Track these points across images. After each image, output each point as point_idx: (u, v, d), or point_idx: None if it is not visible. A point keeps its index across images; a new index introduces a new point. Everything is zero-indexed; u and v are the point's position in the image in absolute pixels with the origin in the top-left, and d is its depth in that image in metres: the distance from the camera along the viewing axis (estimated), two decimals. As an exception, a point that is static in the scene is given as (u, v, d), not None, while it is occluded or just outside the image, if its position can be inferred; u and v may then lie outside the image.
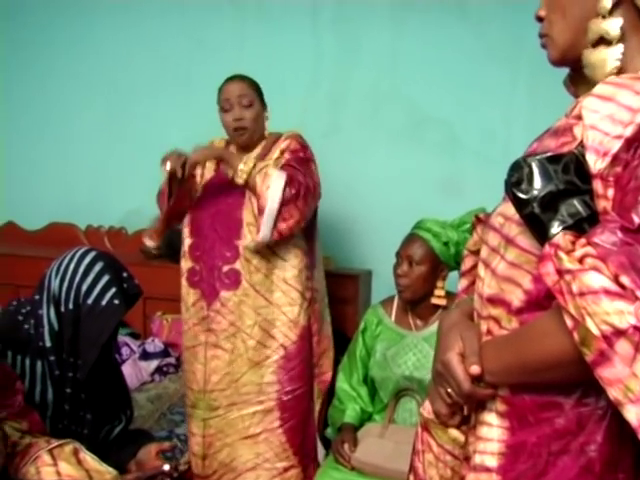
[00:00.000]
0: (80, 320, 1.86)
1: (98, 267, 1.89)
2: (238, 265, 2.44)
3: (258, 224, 2.34)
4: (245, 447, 2.50)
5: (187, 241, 2.54)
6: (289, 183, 2.32)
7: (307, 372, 2.55)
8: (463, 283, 1.40)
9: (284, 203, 2.31)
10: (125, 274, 1.94)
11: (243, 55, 3.52)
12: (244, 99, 2.46)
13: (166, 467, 1.95)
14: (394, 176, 3.45)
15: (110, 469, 1.72)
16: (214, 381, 2.48)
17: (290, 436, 2.51)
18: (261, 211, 2.31)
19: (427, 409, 1.33)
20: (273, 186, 2.30)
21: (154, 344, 3.17)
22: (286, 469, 2.51)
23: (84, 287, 1.86)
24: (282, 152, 2.47)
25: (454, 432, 1.35)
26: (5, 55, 4.17)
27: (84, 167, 4.04)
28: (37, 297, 1.92)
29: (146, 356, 3.12)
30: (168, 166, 2.34)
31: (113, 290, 1.87)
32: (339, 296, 3.06)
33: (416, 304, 2.47)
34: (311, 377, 2.58)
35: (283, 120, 2.60)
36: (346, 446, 2.36)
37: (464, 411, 1.18)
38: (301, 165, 2.43)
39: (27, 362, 1.88)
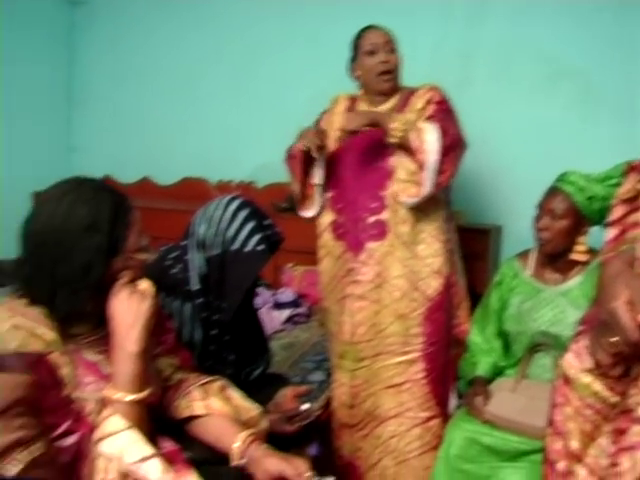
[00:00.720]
0: (226, 265, 1.93)
1: (243, 214, 1.95)
2: (384, 216, 2.44)
3: (418, 179, 2.33)
4: (388, 396, 2.53)
5: (327, 194, 2.57)
6: (443, 135, 2.30)
7: (449, 323, 2.56)
8: (612, 232, 1.36)
9: (442, 155, 2.29)
10: (268, 221, 1.99)
11: (370, 10, 3.50)
12: (389, 45, 2.48)
13: (304, 406, 2.01)
14: (527, 130, 3.38)
15: (255, 405, 1.80)
16: (360, 332, 2.50)
17: (433, 387, 2.52)
18: (421, 166, 2.30)
19: (568, 361, 1.31)
20: (429, 140, 2.29)
21: (286, 294, 3.25)
22: (429, 419, 2.53)
23: (230, 233, 1.93)
24: (427, 102, 2.45)
25: (596, 386, 1.32)
26: (141, 16, 4.33)
27: (215, 124, 4.17)
28: (184, 243, 2.01)
29: (278, 306, 3.21)
30: (304, 144, 2.37)
31: (258, 236, 1.93)
32: (469, 251, 3.02)
33: (555, 258, 2.41)
34: (450, 328, 2.58)
35: (412, 75, 2.59)
36: (479, 399, 2.35)
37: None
38: (448, 116, 2.41)
39: (176, 304, 1.97)
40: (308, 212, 2.62)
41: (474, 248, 3.17)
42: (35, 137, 4.42)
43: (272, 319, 3.16)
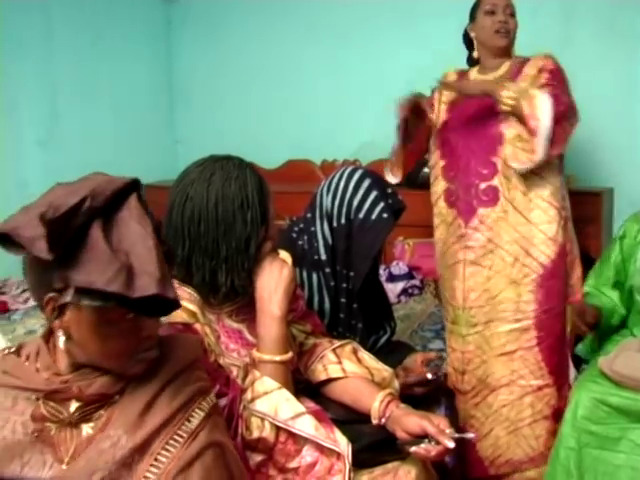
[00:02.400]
0: (352, 234, 1.98)
1: (366, 183, 2.00)
2: (496, 182, 2.44)
3: (530, 145, 2.32)
4: (500, 364, 2.52)
5: (440, 163, 2.58)
6: (555, 104, 2.28)
7: (563, 291, 2.53)
8: None
9: (554, 123, 2.27)
10: (390, 190, 2.03)
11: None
12: (509, 9, 2.48)
13: (429, 376, 2.05)
14: (633, 89, 3.28)
15: (386, 367, 1.84)
16: (472, 298, 2.51)
17: (546, 355, 2.50)
18: (533, 132, 2.29)
19: None
20: (542, 107, 2.27)
21: (399, 267, 3.30)
22: (540, 387, 2.51)
23: (355, 202, 1.98)
24: (540, 70, 2.43)
25: None
26: (235, 6, 4.43)
27: (316, 105, 4.23)
28: (309, 215, 2.07)
29: (392, 278, 3.26)
30: (399, 113, 2.41)
31: (382, 205, 1.97)
32: (581, 215, 2.99)
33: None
34: (566, 296, 2.56)
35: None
36: (586, 316, 2.36)
37: None
38: (561, 85, 2.39)
39: (304, 274, 2.04)
40: (393, 177, 2.66)
41: (586, 212, 3.12)
42: (141, 131, 4.60)
43: (386, 292, 3.20)
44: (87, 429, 1.16)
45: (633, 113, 3.28)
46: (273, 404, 1.47)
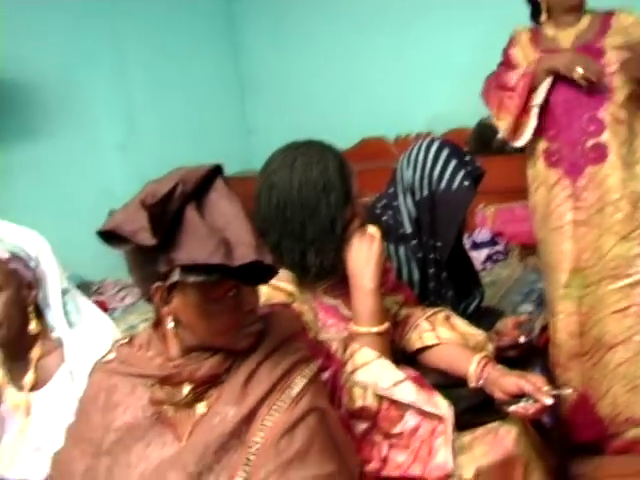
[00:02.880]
0: (436, 205, 2.02)
1: (445, 154, 2.03)
2: (604, 138, 2.40)
3: None
4: (614, 322, 2.49)
5: (534, 122, 2.49)
6: None
7: None
8: None
9: None
10: (468, 157, 2.06)
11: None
12: None
13: (522, 339, 2.07)
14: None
15: (480, 331, 1.88)
16: (585, 258, 2.48)
17: None
18: None
19: None
20: None
21: (482, 234, 3.31)
22: None
23: (436, 173, 2.01)
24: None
25: None
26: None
27: (384, 81, 4.24)
28: (391, 190, 2.12)
29: (476, 246, 3.27)
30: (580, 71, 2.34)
31: (462, 173, 2.00)
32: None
33: None
34: None
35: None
36: None
37: None
38: None
39: (391, 248, 2.08)
40: (521, 141, 2.54)
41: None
42: (215, 125, 4.71)
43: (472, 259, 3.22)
44: (201, 408, 1.24)
45: None
46: (373, 373, 1.53)
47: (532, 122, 2.48)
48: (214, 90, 4.71)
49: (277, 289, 1.62)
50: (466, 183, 1.98)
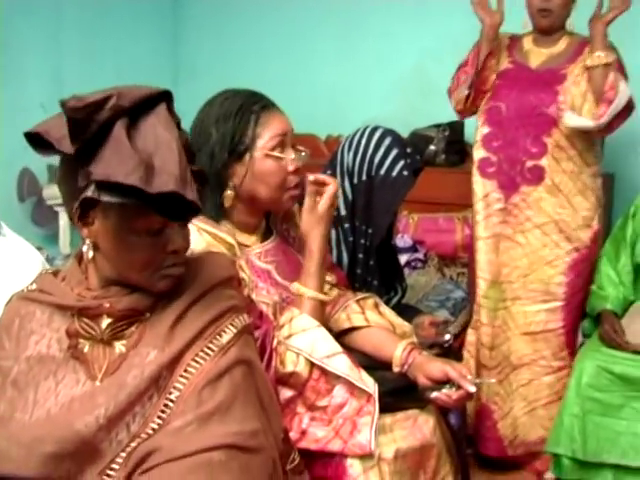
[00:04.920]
0: (373, 190, 2.01)
1: (387, 141, 2.03)
2: (544, 162, 2.45)
3: (598, 113, 2.35)
4: (524, 342, 2.55)
5: (482, 130, 2.56)
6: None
7: (591, 276, 2.57)
8: None
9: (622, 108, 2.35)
10: (409, 149, 2.06)
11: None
12: None
13: (447, 337, 2.08)
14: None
15: (406, 323, 1.88)
16: (505, 273, 2.53)
17: (569, 337, 2.55)
18: (607, 100, 2.34)
19: None
20: (622, 85, 2.34)
21: (404, 240, 3.32)
22: (560, 368, 2.56)
23: (376, 159, 2.01)
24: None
25: None
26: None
27: (323, 81, 4.22)
28: (329, 172, 2.09)
29: (397, 250, 3.26)
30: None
31: (402, 163, 2.00)
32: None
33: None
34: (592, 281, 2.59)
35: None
36: (618, 335, 2.38)
37: None
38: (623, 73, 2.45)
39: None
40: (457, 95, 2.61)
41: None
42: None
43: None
44: (120, 347, 1.16)
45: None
46: (310, 341, 1.50)
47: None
48: (147, 70, 4.56)
49: (218, 239, 1.58)
50: (405, 173, 1.98)
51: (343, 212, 2.03)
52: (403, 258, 3.25)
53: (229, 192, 1.61)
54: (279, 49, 4.34)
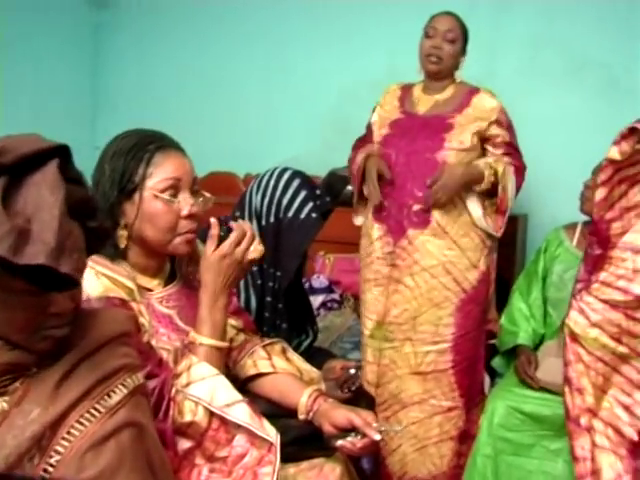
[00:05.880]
0: (281, 232, 1.99)
1: (296, 183, 2.01)
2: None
3: (495, 224, 2.53)
4: (414, 382, 2.56)
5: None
6: (517, 176, 2.52)
7: (481, 317, 2.60)
8: (602, 193, 1.46)
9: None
10: (318, 191, 2.05)
11: (398, 6, 3.58)
12: (450, 34, 2.50)
13: (353, 371, 2.05)
14: (551, 122, 3.42)
15: (314, 369, 1.85)
16: (393, 314, 2.54)
17: (459, 378, 2.56)
18: (502, 212, 2.52)
19: (573, 319, 1.36)
20: (510, 187, 2.49)
21: (319, 280, 3.31)
22: (450, 409, 2.56)
23: (284, 201, 1.99)
24: (496, 123, 2.52)
25: (604, 338, 1.38)
26: (166, 16, 4.40)
27: (243, 119, 4.22)
28: (237, 214, 2.06)
29: (312, 291, 3.26)
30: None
31: (310, 205, 1.99)
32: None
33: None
34: (483, 322, 2.63)
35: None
36: (531, 367, 2.42)
37: None
38: (516, 143, 2.56)
39: (231, 272, 2.02)
40: (357, 220, 2.75)
41: (502, 235, 3.24)
42: (61, 133, 4.44)
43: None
44: (2, 403, 1.08)
45: (550, 145, 3.41)
46: (210, 389, 1.44)
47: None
48: (65, 97, 4.48)
49: (117, 283, 1.51)
50: (314, 215, 1.97)
51: (251, 255, 2.00)
52: (319, 299, 3.24)
53: (121, 232, 1.55)
54: (201, 85, 4.33)
